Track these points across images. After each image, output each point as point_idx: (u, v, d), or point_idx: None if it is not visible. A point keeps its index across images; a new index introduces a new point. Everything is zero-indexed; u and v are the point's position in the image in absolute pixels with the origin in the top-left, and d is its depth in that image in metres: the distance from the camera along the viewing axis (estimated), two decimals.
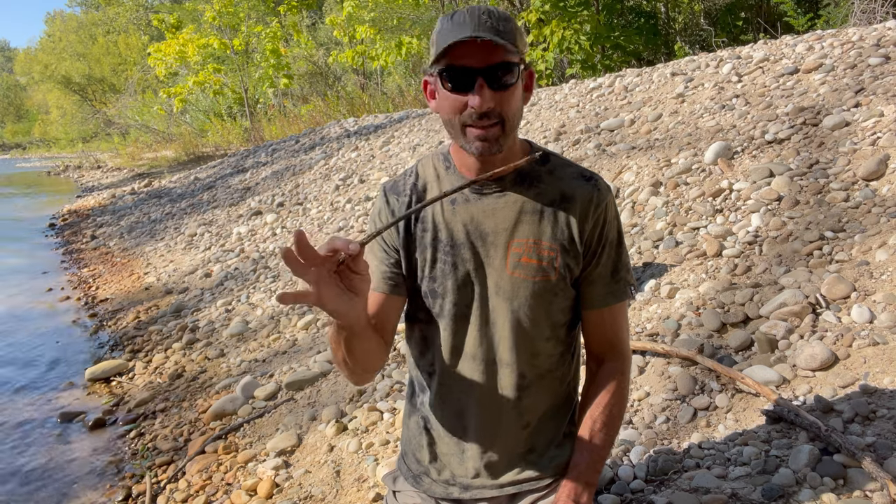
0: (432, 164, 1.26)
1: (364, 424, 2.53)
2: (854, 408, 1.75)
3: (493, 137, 1.09)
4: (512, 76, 1.06)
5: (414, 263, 1.23)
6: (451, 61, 1.06)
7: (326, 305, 0.92)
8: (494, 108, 1.06)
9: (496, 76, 1.05)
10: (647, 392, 2.17)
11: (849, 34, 4.23)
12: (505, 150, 1.14)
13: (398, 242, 1.23)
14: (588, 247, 1.20)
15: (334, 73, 17.96)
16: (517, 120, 1.12)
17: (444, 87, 1.09)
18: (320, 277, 0.89)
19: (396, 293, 1.24)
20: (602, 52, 9.00)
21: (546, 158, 1.23)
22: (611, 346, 1.27)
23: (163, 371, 3.75)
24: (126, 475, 2.78)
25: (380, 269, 1.24)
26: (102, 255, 7.33)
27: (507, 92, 1.07)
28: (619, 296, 1.24)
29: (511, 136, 1.12)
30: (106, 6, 36.67)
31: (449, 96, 1.09)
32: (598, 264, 1.21)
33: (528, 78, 1.16)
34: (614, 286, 1.23)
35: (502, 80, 1.06)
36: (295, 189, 7.14)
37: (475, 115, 1.07)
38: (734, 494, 1.57)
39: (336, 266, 0.90)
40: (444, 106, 1.11)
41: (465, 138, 1.10)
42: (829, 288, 2.26)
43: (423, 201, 1.22)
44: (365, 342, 1.11)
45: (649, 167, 3.65)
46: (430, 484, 1.32)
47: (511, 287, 1.18)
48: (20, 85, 58.71)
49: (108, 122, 27.52)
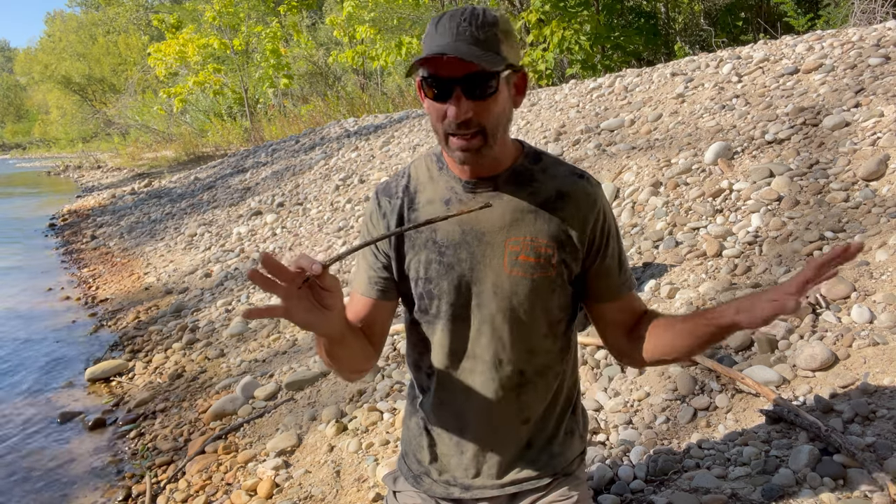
0: (425, 164, 1.26)
1: (364, 424, 2.53)
2: (854, 408, 1.74)
3: (473, 148, 1.08)
4: (490, 86, 1.05)
5: (408, 266, 1.23)
6: (431, 70, 1.06)
7: (294, 318, 0.93)
8: (473, 118, 1.06)
9: (473, 85, 1.04)
10: (647, 392, 2.17)
11: (849, 34, 4.23)
12: (495, 153, 1.14)
13: (389, 247, 1.23)
14: (592, 242, 1.20)
15: (334, 73, 17.97)
16: (500, 127, 1.11)
17: (427, 96, 1.09)
18: (289, 293, 0.91)
19: (385, 298, 1.25)
20: (602, 52, 9.00)
21: (538, 157, 1.23)
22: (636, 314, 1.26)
23: (163, 371, 3.75)
24: (126, 475, 2.78)
25: (367, 274, 1.25)
26: (102, 255, 7.33)
27: (486, 101, 1.06)
28: (630, 286, 1.26)
29: (495, 144, 1.11)
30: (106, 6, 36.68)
31: (432, 104, 1.09)
32: (605, 256, 1.22)
33: (519, 80, 1.14)
34: (625, 276, 1.25)
35: (480, 90, 1.04)
36: (295, 189, 7.14)
37: (453, 125, 1.06)
38: (734, 494, 1.57)
39: (303, 282, 0.92)
40: (430, 112, 1.11)
41: (448, 147, 1.11)
42: (829, 288, 2.26)
43: (416, 202, 1.23)
44: (346, 348, 1.14)
45: (649, 167, 3.65)
46: (431, 484, 1.32)
47: (510, 285, 1.18)
48: (20, 85, 58.72)
49: (108, 122, 27.53)
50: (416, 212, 1.22)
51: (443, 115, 1.07)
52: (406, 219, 1.23)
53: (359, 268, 1.28)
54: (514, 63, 1.09)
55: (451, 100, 1.05)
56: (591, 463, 1.88)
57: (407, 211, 1.23)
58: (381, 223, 1.25)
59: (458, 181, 1.20)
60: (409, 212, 1.23)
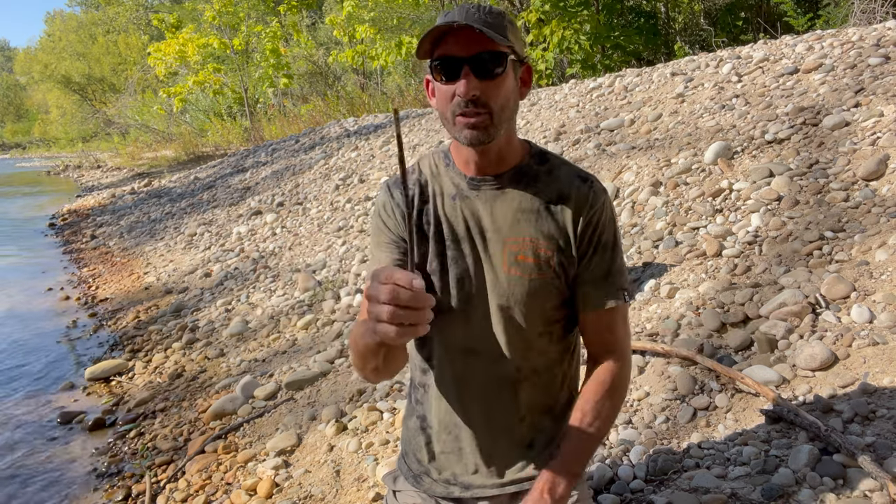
0: (433, 160, 1.27)
1: (364, 424, 2.53)
2: (854, 408, 1.75)
3: (480, 125, 1.10)
4: (499, 66, 1.08)
5: (416, 256, 1.23)
6: (441, 52, 1.09)
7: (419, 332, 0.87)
8: (480, 96, 1.08)
9: (482, 64, 1.07)
10: (647, 392, 2.17)
11: (849, 34, 4.23)
12: (499, 145, 1.15)
13: (404, 233, 1.22)
14: (579, 247, 1.20)
15: (334, 72, 17.96)
16: (507, 111, 1.13)
17: (437, 80, 1.12)
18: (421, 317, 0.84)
19: None
20: (602, 51, 9.00)
21: (544, 158, 1.24)
22: (607, 348, 1.27)
23: (163, 371, 3.75)
24: (126, 475, 2.78)
25: (390, 259, 1.22)
26: (102, 255, 7.33)
27: (493, 81, 1.08)
28: (613, 298, 1.22)
29: (501, 127, 1.13)
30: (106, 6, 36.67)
31: (441, 87, 1.11)
32: (589, 265, 1.21)
33: (524, 73, 1.17)
34: (608, 288, 1.22)
35: (488, 69, 1.08)
36: (295, 189, 7.14)
37: (462, 103, 1.08)
38: (734, 494, 1.57)
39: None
40: (438, 98, 1.13)
41: (456, 128, 1.12)
42: (829, 288, 2.26)
43: (426, 194, 1.23)
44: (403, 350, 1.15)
45: (649, 167, 3.65)
46: (431, 484, 1.32)
47: (508, 285, 1.18)
48: (20, 84, 58.69)
49: (107, 121, 27.51)
50: (426, 203, 1.23)
51: (451, 95, 1.10)
52: (418, 210, 1.23)
53: (377, 258, 1.25)
54: (519, 53, 1.13)
55: (460, 78, 1.07)
56: (591, 462, 1.88)
57: (419, 201, 1.23)
58: (396, 212, 1.24)
59: (464, 178, 1.21)
60: (420, 202, 1.23)
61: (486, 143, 1.13)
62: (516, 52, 1.12)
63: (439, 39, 1.10)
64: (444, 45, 1.09)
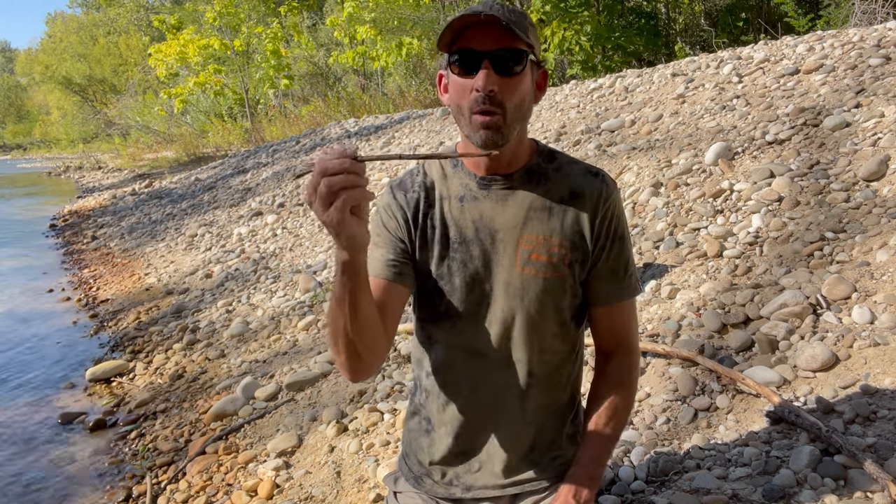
0: (438, 162, 1.26)
1: (365, 425, 2.52)
2: (855, 408, 1.74)
3: (494, 126, 1.08)
4: (518, 63, 1.07)
5: (422, 260, 1.22)
6: (461, 45, 1.08)
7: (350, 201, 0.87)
8: (497, 93, 1.07)
9: (502, 60, 1.06)
10: (648, 393, 2.17)
11: (849, 35, 4.23)
12: (512, 146, 1.14)
13: (405, 235, 1.22)
14: (597, 241, 1.19)
15: (335, 73, 17.96)
16: (520, 111, 1.11)
17: (454, 73, 1.10)
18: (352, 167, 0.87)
19: (399, 281, 1.19)
20: (602, 52, 9.00)
21: (552, 156, 1.23)
22: (619, 343, 1.27)
23: (163, 372, 3.75)
24: (126, 476, 2.78)
25: (384, 257, 1.20)
26: (103, 256, 7.34)
27: (512, 79, 1.07)
28: (630, 292, 1.24)
29: (515, 128, 1.11)
30: (107, 7, 36.65)
31: (457, 81, 1.10)
32: (607, 259, 1.21)
33: (540, 77, 1.17)
34: (624, 282, 1.23)
35: (508, 65, 1.07)
36: (296, 189, 7.14)
37: (480, 99, 1.07)
38: (735, 495, 1.57)
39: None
40: (454, 92, 1.12)
41: (471, 126, 1.10)
42: (830, 288, 2.26)
43: (431, 198, 1.22)
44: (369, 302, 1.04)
45: (650, 168, 3.65)
46: (432, 485, 1.32)
47: (521, 284, 1.18)
48: (21, 85, 58.76)
49: (108, 122, 27.54)
50: (432, 207, 1.22)
51: (469, 89, 1.08)
52: (423, 213, 1.22)
53: (372, 256, 1.23)
54: (538, 55, 1.13)
55: (479, 71, 1.06)
56: None
57: (423, 205, 1.22)
58: (398, 214, 1.23)
59: (473, 177, 1.20)
60: (425, 206, 1.22)
61: (500, 146, 1.10)
62: (535, 54, 1.11)
63: (460, 33, 1.09)
64: (464, 38, 1.08)
